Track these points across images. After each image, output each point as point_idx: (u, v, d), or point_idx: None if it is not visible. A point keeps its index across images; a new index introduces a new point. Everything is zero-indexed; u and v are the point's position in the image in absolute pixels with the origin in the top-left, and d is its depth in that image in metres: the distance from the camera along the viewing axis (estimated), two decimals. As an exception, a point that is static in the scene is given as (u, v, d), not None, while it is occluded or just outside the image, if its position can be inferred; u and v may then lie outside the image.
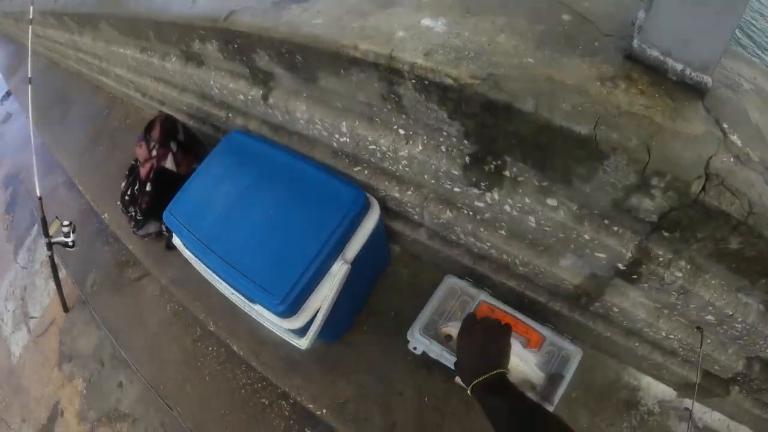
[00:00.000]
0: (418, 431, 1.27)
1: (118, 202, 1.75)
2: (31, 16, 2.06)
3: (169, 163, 1.54)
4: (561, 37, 0.90)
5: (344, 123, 1.11)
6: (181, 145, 1.58)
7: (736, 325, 0.95)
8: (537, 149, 0.86)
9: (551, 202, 0.94)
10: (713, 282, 0.91)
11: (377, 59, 0.92)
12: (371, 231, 1.13)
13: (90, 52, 2.45)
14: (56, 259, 1.97)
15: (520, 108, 0.80)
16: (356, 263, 1.12)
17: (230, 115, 1.54)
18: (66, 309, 2.23)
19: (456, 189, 1.04)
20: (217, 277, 1.21)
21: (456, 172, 1.00)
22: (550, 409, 1.05)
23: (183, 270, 1.53)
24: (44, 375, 2.18)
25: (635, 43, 0.82)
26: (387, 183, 1.19)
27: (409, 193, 1.17)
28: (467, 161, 0.98)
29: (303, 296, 1.08)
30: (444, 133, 0.98)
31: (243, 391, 1.61)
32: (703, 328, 1.03)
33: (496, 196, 0.98)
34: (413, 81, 0.90)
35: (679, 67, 0.80)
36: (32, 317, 2.42)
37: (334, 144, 1.19)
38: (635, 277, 0.97)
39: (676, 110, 0.78)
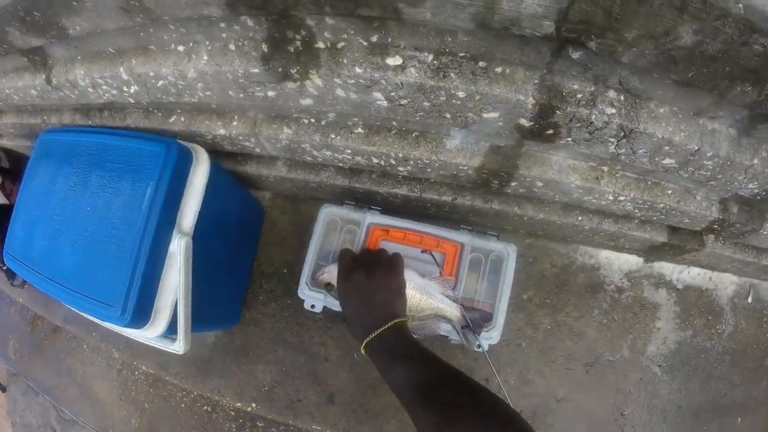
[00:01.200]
0: (362, 393, 1.01)
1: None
2: None
3: (-1, 198, 1.21)
4: None
5: (121, 69, 0.79)
6: (7, 172, 1.25)
7: (705, 162, 0.68)
8: None
9: (393, 61, 0.63)
10: (662, 111, 0.64)
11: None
12: (204, 186, 0.83)
13: None
14: None
15: None
16: (202, 231, 0.83)
17: (45, 117, 1.22)
18: (3, 389, 1.99)
19: (271, 93, 0.72)
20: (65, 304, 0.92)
21: (257, 70, 0.68)
22: (479, 342, 0.80)
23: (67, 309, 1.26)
24: (12, 465, 1.92)
25: None
26: (207, 122, 0.87)
27: (235, 123, 0.85)
28: (264, 49, 0.67)
29: (146, 295, 0.78)
30: (220, 24, 0.67)
31: (183, 405, 1.34)
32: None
33: (319, 82, 0.67)
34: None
35: None
36: None
37: (131, 100, 0.87)
38: (551, 132, 0.68)
39: None
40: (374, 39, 0.62)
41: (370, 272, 0.70)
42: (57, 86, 0.96)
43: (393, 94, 0.66)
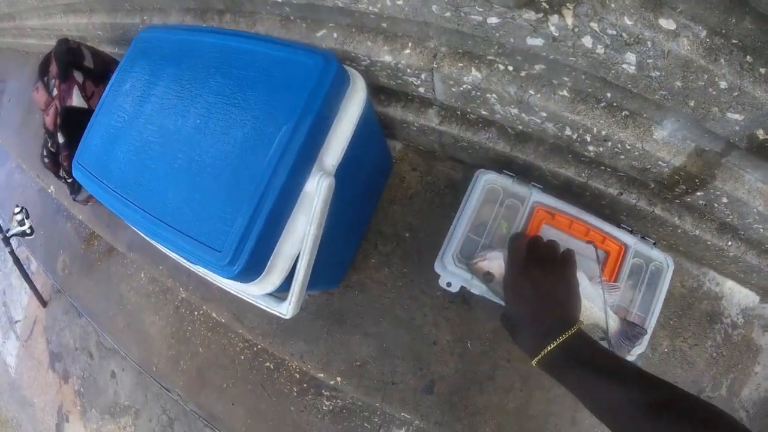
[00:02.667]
0: (465, 388, 0.86)
1: (47, 170, 1.24)
2: None
3: (75, 100, 1.01)
4: None
5: None
6: (91, 72, 1.04)
7: None
8: None
9: (667, 23, 0.45)
10: None
11: None
12: (357, 119, 0.63)
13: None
14: (25, 251, 1.56)
15: None
16: (342, 173, 0.64)
17: (145, 18, 1.00)
18: (44, 303, 1.82)
19: (492, 20, 0.53)
20: (149, 238, 0.72)
21: None
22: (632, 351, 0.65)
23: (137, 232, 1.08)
24: (41, 381, 1.81)
25: None
26: (369, 43, 0.67)
27: (408, 51, 0.65)
28: None
29: (266, 243, 0.60)
30: None
31: (242, 356, 1.20)
32: None
33: (569, 22, 0.49)
34: None
35: None
36: (17, 321, 2.01)
37: None
38: None
39: None
40: None
41: (549, 269, 0.57)
42: None
43: (650, 61, 0.48)
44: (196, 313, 1.32)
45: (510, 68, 0.62)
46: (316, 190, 0.59)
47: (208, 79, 0.65)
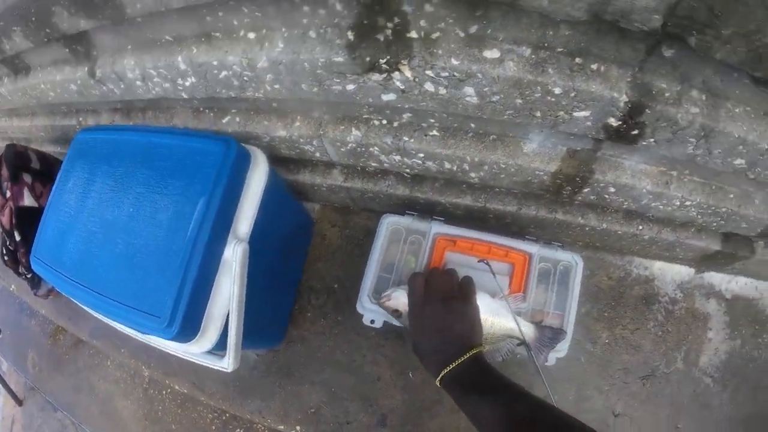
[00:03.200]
0: (416, 416, 0.91)
1: (7, 267, 1.30)
2: None
3: (27, 200, 1.10)
4: None
5: (179, 58, 0.71)
6: (37, 173, 1.14)
7: None
8: None
9: (491, 54, 0.56)
10: (738, 110, 0.58)
11: None
12: (263, 189, 0.73)
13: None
14: None
15: None
16: (258, 238, 0.73)
17: (81, 119, 1.11)
18: (19, 402, 1.82)
19: (350, 87, 0.64)
20: (101, 316, 0.80)
21: (341, 59, 0.60)
22: (550, 356, 0.72)
23: (96, 318, 1.14)
24: (26, 479, 1.76)
25: None
26: (266, 122, 0.77)
27: (297, 124, 0.76)
28: (350, 37, 0.59)
29: (196, 305, 0.68)
30: (303, 8, 0.59)
31: (213, 427, 1.22)
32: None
33: (408, 74, 0.59)
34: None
35: None
36: None
37: (184, 95, 0.77)
38: (636, 132, 0.61)
39: None
40: (472, 30, 0.55)
41: (446, 303, 0.64)
42: (101, 79, 0.86)
43: (486, 89, 0.58)
44: (164, 392, 1.33)
45: (384, 122, 0.71)
46: (233, 256, 0.68)
47: (135, 172, 0.75)
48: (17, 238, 1.12)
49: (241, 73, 0.66)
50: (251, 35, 0.64)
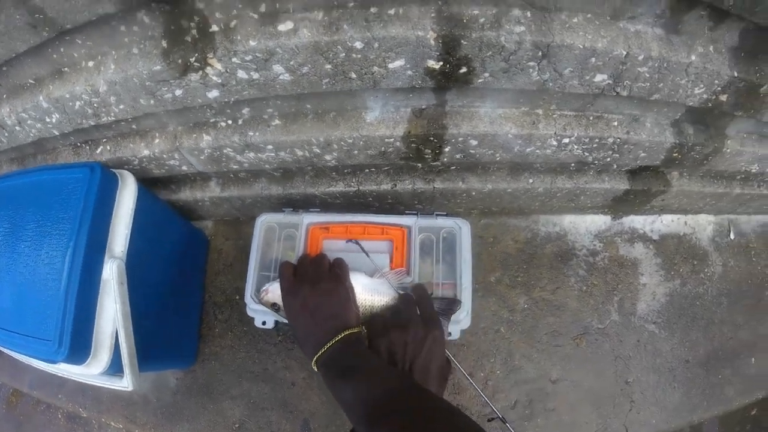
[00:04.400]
0: (338, 414, 0.91)
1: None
2: None
3: None
4: None
5: (41, 96, 0.69)
6: None
7: (640, 70, 0.61)
8: None
9: (284, 26, 0.56)
10: (575, 20, 0.57)
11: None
12: (134, 210, 0.76)
13: None
14: None
15: None
16: (137, 256, 0.76)
17: None
18: None
19: (178, 92, 0.64)
20: (9, 352, 0.84)
21: (159, 67, 0.60)
22: (451, 329, 0.72)
23: (31, 367, 1.16)
24: None
25: None
26: (132, 145, 0.79)
27: (156, 141, 0.77)
28: (164, 45, 0.60)
29: (82, 325, 0.71)
30: (120, 28, 0.61)
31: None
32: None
33: (219, 66, 0.60)
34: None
35: None
36: None
37: (55, 131, 0.77)
38: (465, 70, 0.58)
39: None
40: (263, 9, 0.55)
41: (314, 285, 0.62)
42: None
43: (292, 62, 0.58)
44: None
45: (229, 122, 0.71)
46: (110, 274, 0.72)
47: (23, 213, 0.80)
48: None
49: (90, 100, 0.68)
50: (90, 63, 0.66)
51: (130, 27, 0.60)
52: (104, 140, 0.84)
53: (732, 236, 1.08)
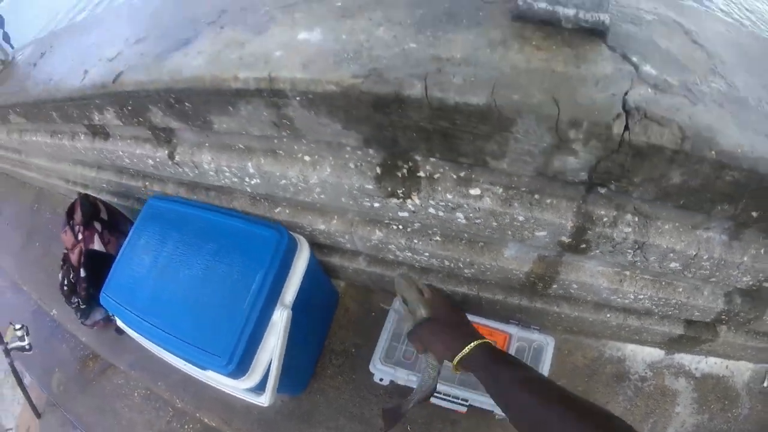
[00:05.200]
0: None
1: (62, 296, 1.61)
2: None
3: (96, 244, 1.42)
4: (442, 15, 0.83)
5: (250, 164, 1.02)
6: (106, 223, 1.46)
7: (704, 263, 0.87)
8: (441, 137, 0.77)
9: (474, 191, 0.85)
10: (666, 227, 0.83)
11: (258, 84, 0.83)
12: (305, 270, 1.04)
13: (7, 146, 2.31)
14: (19, 365, 1.83)
15: (409, 95, 0.71)
16: (298, 307, 1.03)
17: (147, 183, 1.44)
18: (38, 415, 2.04)
19: (376, 204, 0.95)
20: (164, 351, 1.10)
21: (370, 186, 0.91)
22: None
23: (140, 352, 1.41)
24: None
25: (520, 1, 0.75)
26: (310, 217, 1.10)
27: (334, 222, 1.08)
28: (378, 172, 0.90)
29: (249, 352, 0.98)
30: (347, 148, 0.89)
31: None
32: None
33: (417, 201, 0.90)
34: (298, 98, 0.81)
35: (571, 12, 0.72)
36: (8, 429, 2.21)
37: (248, 189, 1.09)
38: (584, 246, 0.88)
39: (577, 56, 0.71)
40: (462, 174, 0.84)
41: (454, 309, 0.87)
42: (178, 163, 1.18)
43: (471, 215, 0.87)
44: (187, 426, 1.55)
45: (400, 227, 1.02)
46: (279, 319, 0.98)
47: (203, 243, 1.06)
48: (82, 274, 1.43)
49: (297, 183, 0.98)
50: (307, 158, 0.95)
51: (354, 150, 0.88)
52: (284, 204, 1.12)
53: (765, 384, 1.29)
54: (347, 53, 0.79)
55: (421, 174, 0.86)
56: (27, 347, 1.66)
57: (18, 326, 1.66)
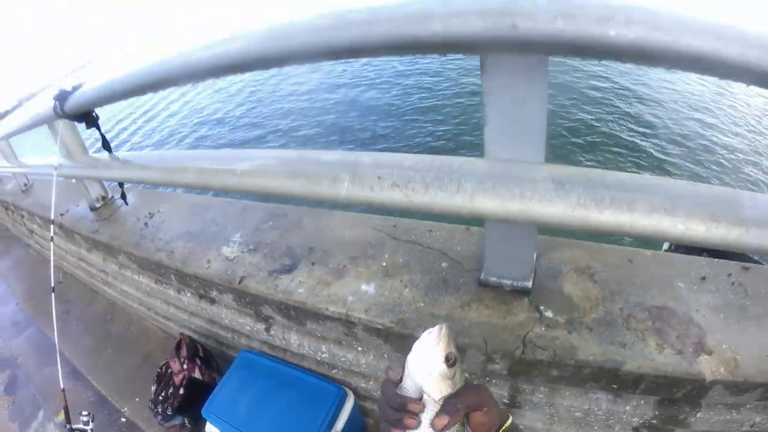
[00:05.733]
0: None
1: (150, 401, 2.27)
2: (52, 234, 2.35)
3: (197, 374, 2.14)
4: (440, 282, 1.63)
5: (323, 346, 1.80)
6: (203, 360, 2.20)
7: (597, 412, 1.37)
8: None
9: None
10: (567, 393, 1.45)
11: (340, 316, 1.63)
12: (350, 412, 1.79)
13: (96, 266, 3.03)
14: None
15: (418, 336, 1.51)
16: None
17: (235, 336, 2.20)
18: None
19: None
20: None
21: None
22: None
23: None
24: None
25: (482, 275, 1.52)
26: (356, 378, 1.86)
27: (371, 383, 1.85)
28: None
29: None
30: (383, 349, 1.69)
31: None
32: None
33: None
34: (361, 326, 1.61)
35: (508, 282, 1.47)
36: None
37: (318, 358, 1.86)
38: (518, 404, 1.62)
39: (508, 311, 1.45)
40: None
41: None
42: (271, 335, 1.95)
43: None
44: None
45: None
46: None
47: (283, 389, 1.81)
48: (181, 392, 2.13)
49: (352, 361, 1.75)
50: (359, 348, 1.74)
51: (390, 351, 1.66)
52: (339, 368, 1.88)
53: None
54: (388, 306, 1.60)
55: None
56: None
57: (85, 413, 1.97)
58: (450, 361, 0.66)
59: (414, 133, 7.68)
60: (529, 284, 1.42)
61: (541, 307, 1.41)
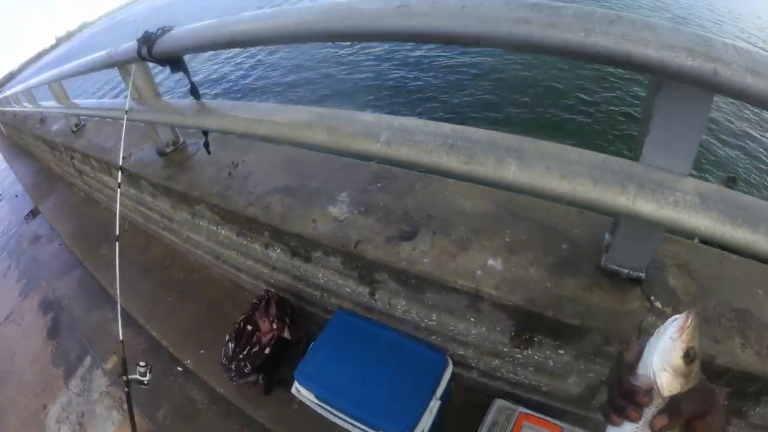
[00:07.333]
0: None
1: (224, 357, 2.36)
2: (119, 181, 2.30)
3: (286, 334, 2.25)
4: (563, 263, 1.80)
5: (434, 315, 1.94)
6: (293, 319, 2.32)
7: None
8: (554, 332, 1.72)
9: (561, 352, 1.77)
10: None
11: (468, 290, 1.78)
12: (449, 377, 1.93)
13: (160, 212, 3.10)
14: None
15: (547, 314, 1.65)
16: (442, 399, 1.91)
17: (324, 295, 2.32)
18: None
19: (505, 349, 1.87)
20: (346, 417, 1.93)
21: (506, 341, 1.84)
22: None
23: (281, 411, 2.23)
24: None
25: (603, 261, 1.71)
26: (454, 345, 2.02)
27: (470, 351, 1.99)
28: (512, 334, 1.82)
29: (414, 425, 1.84)
30: (502, 324, 1.82)
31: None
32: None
33: (529, 352, 1.81)
34: (489, 302, 1.77)
35: (625, 271, 1.67)
36: None
37: (422, 325, 2.01)
38: None
39: (623, 298, 1.65)
40: (557, 343, 1.77)
41: None
42: (376, 299, 2.10)
43: (555, 362, 1.80)
44: None
45: (511, 360, 1.96)
46: (433, 406, 1.86)
47: (383, 354, 1.98)
48: (267, 351, 2.25)
49: (461, 331, 1.91)
50: (472, 319, 1.87)
51: (506, 325, 1.79)
52: (439, 335, 2.02)
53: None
54: (515, 284, 1.75)
55: (536, 340, 1.80)
56: (145, 383, 2.09)
57: (143, 363, 2.09)
58: (689, 357, 0.63)
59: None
60: (643, 275, 1.59)
61: (652, 297, 1.58)
